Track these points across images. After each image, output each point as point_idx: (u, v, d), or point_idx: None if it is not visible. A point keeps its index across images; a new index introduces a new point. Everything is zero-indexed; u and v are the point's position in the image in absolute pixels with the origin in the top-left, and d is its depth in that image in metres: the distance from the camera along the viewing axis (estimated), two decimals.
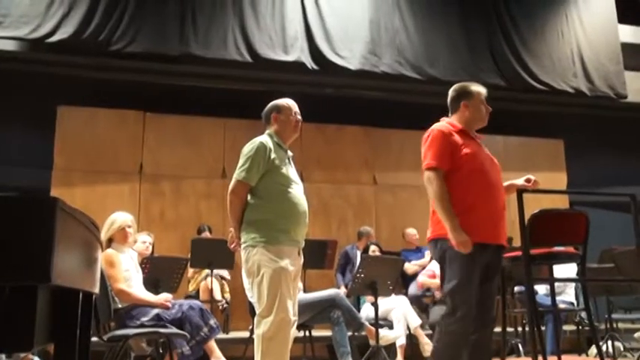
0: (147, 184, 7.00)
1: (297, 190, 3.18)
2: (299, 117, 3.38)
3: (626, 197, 3.78)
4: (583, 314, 5.52)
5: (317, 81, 7.14)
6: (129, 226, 3.96)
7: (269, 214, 3.05)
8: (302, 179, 8.28)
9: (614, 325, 5.71)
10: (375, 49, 7.00)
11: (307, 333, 5.05)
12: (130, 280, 3.82)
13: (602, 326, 5.73)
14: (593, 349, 4.43)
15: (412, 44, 7.18)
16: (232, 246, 3.20)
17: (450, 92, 3.18)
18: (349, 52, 6.88)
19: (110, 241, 3.89)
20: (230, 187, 3.11)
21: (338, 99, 7.30)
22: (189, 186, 7.16)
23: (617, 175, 8.19)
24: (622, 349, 5.44)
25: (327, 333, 5.07)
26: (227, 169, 7.31)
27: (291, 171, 3.22)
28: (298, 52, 6.73)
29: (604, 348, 5.05)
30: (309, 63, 6.76)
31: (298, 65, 6.73)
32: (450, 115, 3.14)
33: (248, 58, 6.58)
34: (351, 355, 4.75)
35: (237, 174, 3.09)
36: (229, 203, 3.11)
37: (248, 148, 3.14)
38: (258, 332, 2.94)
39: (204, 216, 7.03)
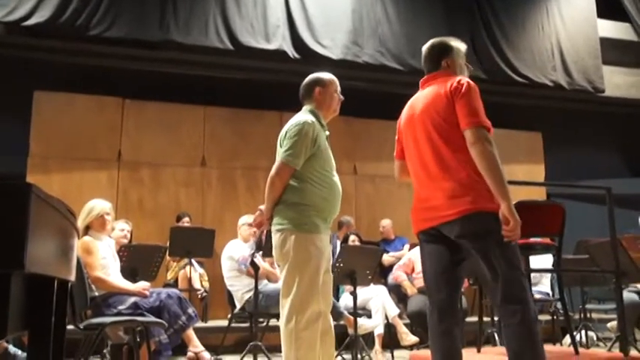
0: (125, 171, 6.93)
1: (336, 177, 3.04)
2: (342, 96, 3.19)
3: (602, 190, 3.85)
4: (558, 304, 5.60)
5: (298, 70, 7.09)
6: (107, 214, 3.91)
7: (312, 199, 2.89)
8: None
9: (588, 315, 5.81)
10: (357, 38, 6.99)
11: None
12: (108, 268, 3.79)
13: (577, 316, 5.83)
14: (568, 339, 4.51)
15: (394, 34, 7.18)
16: (256, 223, 3.04)
17: (428, 50, 2.72)
18: (331, 42, 6.86)
19: (87, 229, 3.85)
20: (274, 168, 2.92)
21: None
22: (169, 174, 7.10)
23: (593, 168, 8.31)
24: (595, 338, 5.54)
25: None
26: (207, 157, 7.28)
27: (330, 154, 3.06)
28: (280, 41, 6.69)
29: (578, 337, 5.14)
30: (291, 51, 6.72)
31: (280, 54, 6.69)
32: (432, 71, 2.68)
33: (229, 46, 6.52)
34: None
35: (284, 157, 2.89)
36: (270, 185, 2.92)
37: (295, 129, 2.92)
38: (289, 327, 2.75)
39: (183, 204, 6.99)
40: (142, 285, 3.85)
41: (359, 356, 4.41)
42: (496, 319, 5.23)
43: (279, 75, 7.12)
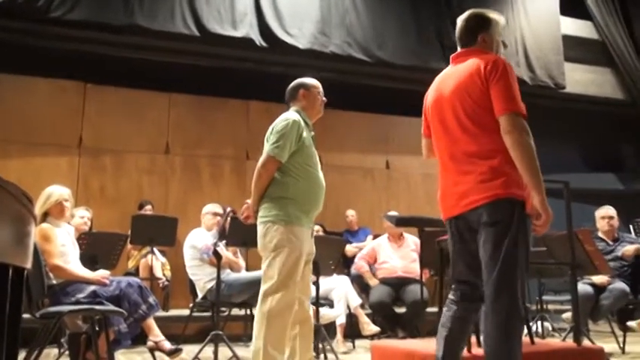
0: (86, 157, 6.80)
1: (320, 173, 3.19)
2: (324, 98, 3.37)
3: (560, 184, 3.94)
4: None
5: (265, 59, 7.06)
6: (66, 200, 3.83)
7: (294, 193, 3.04)
8: (248, 158, 8.18)
9: (545, 307, 5.96)
10: (325, 28, 6.97)
11: (248, 311, 5.06)
12: (66, 255, 3.71)
13: (534, 307, 5.97)
14: (524, 330, 4.63)
15: (362, 26, 7.19)
16: (243, 216, 3.19)
17: (465, 22, 2.62)
18: (298, 31, 6.83)
19: (46, 216, 3.76)
20: (261, 161, 3.06)
21: (286, 78, 7.21)
22: (131, 161, 6.99)
23: (552, 163, 8.49)
24: (550, 329, 5.68)
25: None
26: (171, 145, 7.19)
27: (314, 151, 3.22)
28: (247, 28, 6.63)
29: (534, 328, 5.27)
30: (258, 40, 6.67)
31: (246, 41, 6.63)
32: (466, 46, 2.58)
33: (195, 32, 6.43)
34: None
35: (270, 149, 3.04)
36: (257, 177, 3.05)
37: (282, 124, 3.09)
38: (263, 309, 2.91)
39: (146, 192, 6.90)
40: (102, 273, 3.79)
41: (320, 346, 4.43)
42: None
43: (246, 63, 7.07)
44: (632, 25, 8.86)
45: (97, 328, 3.44)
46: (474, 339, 2.97)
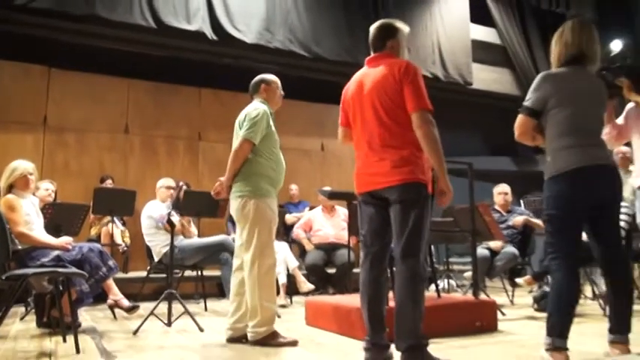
0: (51, 135, 6.48)
1: (281, 155, 3.31)
2: (282, 92, 3.46)
3: (465, 165, 4.07)
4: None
5: (216, 51, 6.90)
6: (30, 174, 3.65)
7: (264, 170, 3.16)
8: (200, 139, 8.01)
9: (450, 267, 6.19)
10: (270, 26, 6.88)
11: (199, 273, 5.01)
12: (31, 224, 3.55)
13: (442, 267, 6.20)
14: (433, 286, 4.80)
15: (302, 24, 7.13)
16: (215, 192, 3.23)
17: (375, 30, 2.67)
18: (246, 27, 6.70)
19: (11, 188, 3.58)
20: (238, 144, 3.15)
21: (235, 68, 7.12)
22: (93, 139, 6.72)
23: (459, 148, 8.77)
24: (455, 285, 5.92)
25: (217, 273, 5.07)
26: (130, 125, 6.96)
27: (277, 137, 3.31)
28: (200, 23, 6.45)
29: (441, 285, 5.47)
30: (210, 33, 6.50)
31: (199, 34, 6.45)
32: (378, 50, 2.64)
33: (152, 24, 6.20)
34: None
35: (246, 134, 3.13)
36: (234, 157, 3.15)
37: (255, 113, 3.17)
38: (252, 274, 3.04)
39: (107, 168, 6.67)
40: (65, 240, 3.65)
41: None
42: None
43: (198, 54, 6.90)
44: (528, 33, 9.18)
45: (60, 289, 3.33)
46: (391, 294, 3.06)
